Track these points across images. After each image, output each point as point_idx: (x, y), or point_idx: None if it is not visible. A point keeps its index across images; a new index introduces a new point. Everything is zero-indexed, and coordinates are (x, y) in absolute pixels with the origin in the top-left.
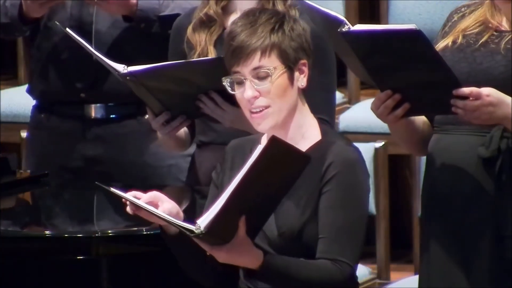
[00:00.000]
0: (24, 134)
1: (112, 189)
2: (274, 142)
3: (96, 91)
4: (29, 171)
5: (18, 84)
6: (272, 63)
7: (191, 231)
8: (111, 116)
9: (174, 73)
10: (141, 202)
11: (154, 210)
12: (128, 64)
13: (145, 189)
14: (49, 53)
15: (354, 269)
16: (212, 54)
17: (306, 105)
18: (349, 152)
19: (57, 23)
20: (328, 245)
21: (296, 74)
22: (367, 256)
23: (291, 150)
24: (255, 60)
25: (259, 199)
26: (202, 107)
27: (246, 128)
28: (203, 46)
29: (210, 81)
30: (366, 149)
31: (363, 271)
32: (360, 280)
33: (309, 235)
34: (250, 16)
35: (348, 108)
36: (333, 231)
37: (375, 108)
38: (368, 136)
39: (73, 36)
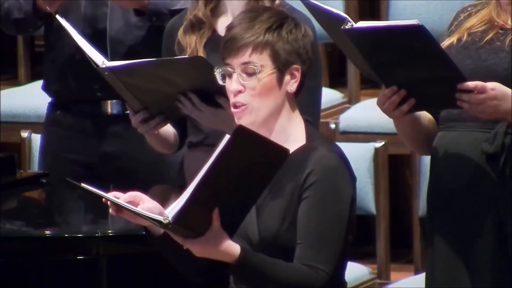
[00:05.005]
0: (24, 134)
1: (87, 187)
2: (240, 130)
3: (111, 90)
4: (37, 169)
5: (18, 84)
6: (262, 61)
7: (160, 222)
8: (127, 112)
9: (152, 71)
10: (119, 200)
11: (126, 204)
12: None
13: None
14: (64, 52)
15: (339, 276)
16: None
17: (296, 111)
18: (330, 159)
19: (58, 16)
20: (305, 251)
21: (287, 77)
22: (367, 256)
23: (262, 140)
24: (246, 55)
25: (233, 192)
26: (180, 108)
27: (224, 129)
28: (193, 48)
29: (188, 80)
30: (366, 149)
31: (363, 271)
32: (360, 280)
33: (289, 241)
34: (253, 12)
35: (348, 108)
36: (310, 238)
37: (380, 104)
38: (368, 136)
39: (62, 23)
